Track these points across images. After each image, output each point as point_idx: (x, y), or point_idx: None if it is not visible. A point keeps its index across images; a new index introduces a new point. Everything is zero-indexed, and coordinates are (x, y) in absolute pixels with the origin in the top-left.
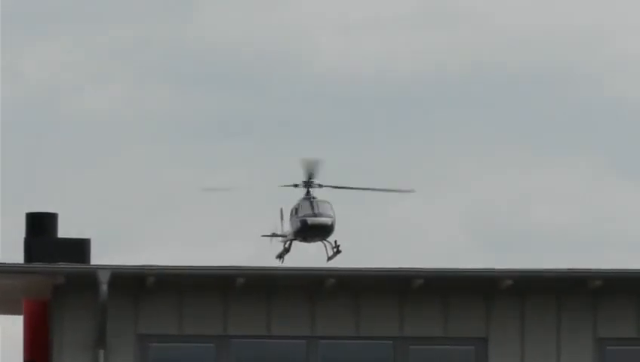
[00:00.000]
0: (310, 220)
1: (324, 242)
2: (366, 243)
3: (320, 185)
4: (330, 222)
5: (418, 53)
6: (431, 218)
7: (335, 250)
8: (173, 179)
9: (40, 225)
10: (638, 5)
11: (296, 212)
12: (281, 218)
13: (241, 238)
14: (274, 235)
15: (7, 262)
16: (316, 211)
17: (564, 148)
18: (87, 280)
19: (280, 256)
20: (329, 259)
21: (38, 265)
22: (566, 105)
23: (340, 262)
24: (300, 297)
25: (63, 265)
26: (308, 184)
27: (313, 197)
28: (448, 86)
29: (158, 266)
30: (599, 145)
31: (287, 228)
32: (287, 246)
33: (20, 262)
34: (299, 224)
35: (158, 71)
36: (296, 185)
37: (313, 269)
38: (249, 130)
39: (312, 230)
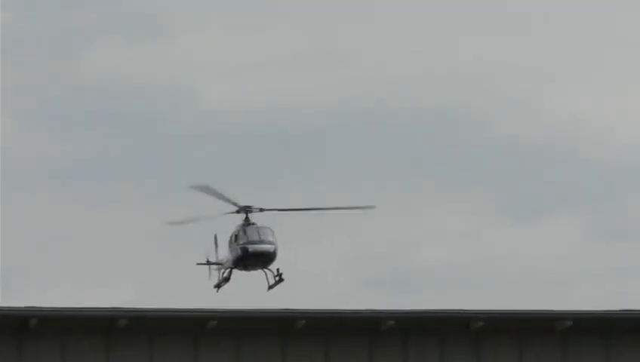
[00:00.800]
0: (251, 248)
1: (266, 270)
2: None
3: (261, 210)
4: (272, 250)
5: (304, 91)
6: (314, 259)
7: (277, 278)
8: (57, 218)
9: None
10: (528, 48)
11: (236, 239)
12: (216, 245)
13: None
14: (209, 263)
15: None
16: (257, 238)
17: (449, 187)
18: None
19: (218, 286)
20: (270, 287)
21: None
22: (449, 147)
23: (223, 303)
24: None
25: None
26: (246, 209)
27: (252, 223)
28: (331, 127)
29: (40, 308)
30: (484, 185)
31: (224, 255)
32: (226, 275)
33: None
34: (239, 252)
35: (38, 110)
36: (238, 211)
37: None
38: (132, 167)
39: (253, 258)
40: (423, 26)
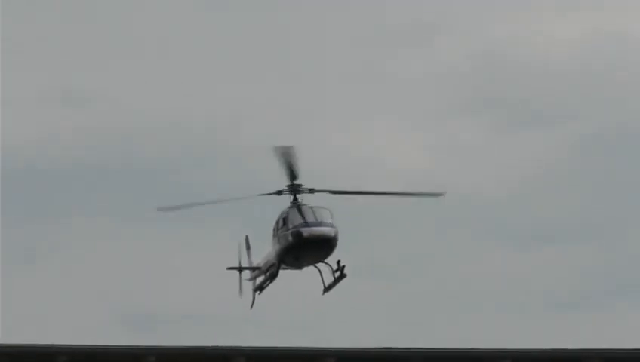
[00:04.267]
0: (307, 231)
1: (323, 263)
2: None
3: (312, 191)
4: (333, 234)
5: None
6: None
7: (338, 273)
8: None
9: None
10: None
11: (284, 223)
12: (247, 247)
13: None
14: (241, 268)
15: None
16: (314, 220)
17: None
18: None
19: (260, 288)
20: (328, 289)
21: None
22: None
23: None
24: None
25: None
26: (295, 189)
27: (304, 204)
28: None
29: None
30: None
31: (266, 255)
32: (272, 270)
33: None
34: (289, 239)
35: None
36: (279, 192)
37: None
38: None
39: (309, 245)
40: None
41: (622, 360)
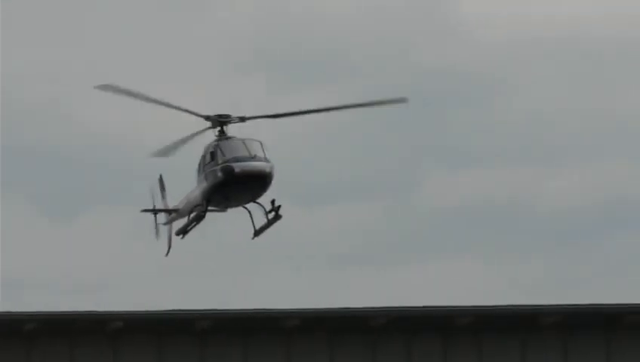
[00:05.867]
0: (238, 167)
1: (255, 203)
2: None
3: (242, 119)
4: (269, 170)
5: None
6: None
7: (273, 214)
8: None
9: None
10: None
11: (212, 158)
12: (161, 187)
13: None
14: (155, 210)
15: None
16: (245, 153)
17: None
18: None
19: (182, 232)
20: (258, 232)
21: None
22: None
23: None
24: None
25: None
26: (221, 120)
27: (231, 136)
28: None
29: None
30: None
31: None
32: (199, 211)
33: None
34: (218, 175)
35: None
36: (207, 118)
37: None
38: None
39: (241, 183)
40: None
41: (407, 319)
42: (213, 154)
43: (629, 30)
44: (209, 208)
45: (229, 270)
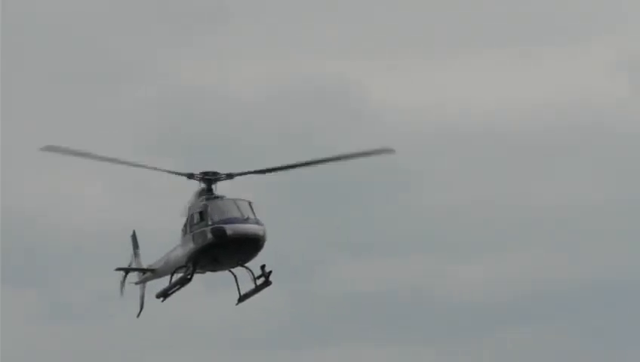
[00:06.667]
0: (231, 229)
1: (244, 268)
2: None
3: (230, 176)
4: (262, 233)
5: None
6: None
7: (264, 279)
8: None
9: None
10: None
11: (201, 218)
12: (134, 244)
13: None
14: (128, 270)
15: None
16: (238, 215)
17: None
18: None
19: (164, 295)
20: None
21: None
22: None
23: None
24: None
25: None
26: (208, 177)
27: (219, 196)
28: None
29: None
30: None
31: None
32: (185, 274)
33: None
34: (208, 237)
35: None
36: (191, 175)
37: None
38: None
39: (233, 245)
40: None
41: None
42: (202, 214)
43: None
44: (195, 271)
45: None
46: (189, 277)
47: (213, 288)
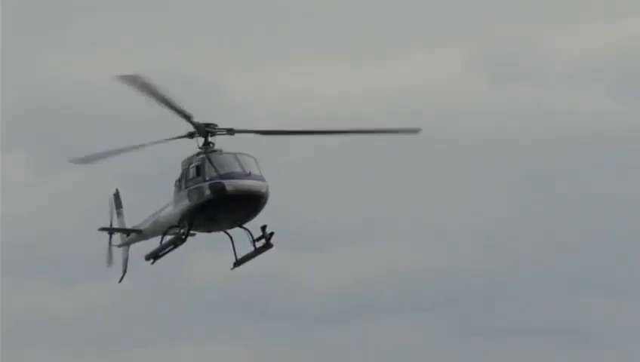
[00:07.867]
0: (231, 185)
1: (242, 228)
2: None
3: (230, 131)
4: (264, 190)
5: None
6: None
7: (264, 241)
8: None
9: None
10: None
11: (197, 173)
12: (117, 204)
13: None
14: (112, 230)
15: None
16: (239, 170)
17: None
18: None
19: (154, 256)
20: (239, 262)
21: None
22: None
23: None
24: None
25: None
26: (206, 130)
27: (219, 150)
28: None
29: None
30: None
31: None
32: (178, 233)
33: None
34: (206, 193)
35: None
36: (191, 135)
37: None
38: None
39: (233, 203)
40: None
41: None
42: (198, 169)
43: None
44: (190, 231)
45: None
46: (183, 237)
47: (203, 249)
